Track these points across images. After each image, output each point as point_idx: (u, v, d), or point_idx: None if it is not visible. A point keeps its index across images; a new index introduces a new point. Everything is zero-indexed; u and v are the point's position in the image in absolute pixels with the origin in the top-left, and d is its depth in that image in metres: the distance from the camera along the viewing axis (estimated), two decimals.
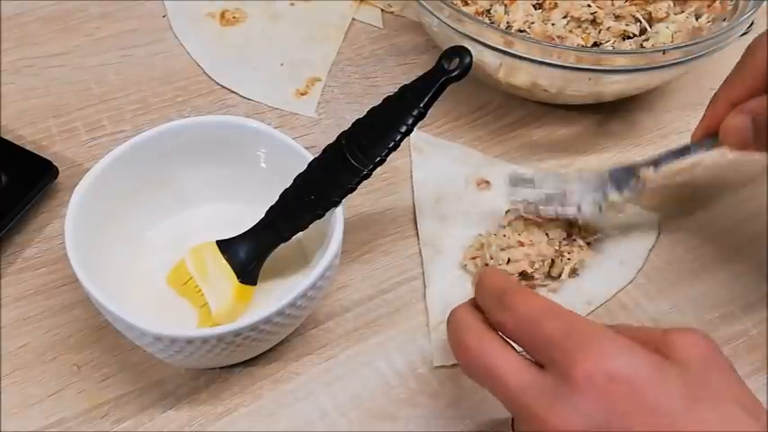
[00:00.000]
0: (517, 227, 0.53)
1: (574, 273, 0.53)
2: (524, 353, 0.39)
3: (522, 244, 0.52)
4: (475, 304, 0.43)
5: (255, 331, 0.44)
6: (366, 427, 0.47)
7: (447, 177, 0.58)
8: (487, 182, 0.58)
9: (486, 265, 0.52)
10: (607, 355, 0.36)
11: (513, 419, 0.42)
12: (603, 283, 0.54)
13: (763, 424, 0.36)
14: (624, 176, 0.52)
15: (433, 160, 0.59)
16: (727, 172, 0.59)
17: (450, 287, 0.53)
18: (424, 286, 0.53)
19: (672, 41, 0.59)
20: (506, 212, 0.55)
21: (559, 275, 0.53)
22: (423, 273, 0.54)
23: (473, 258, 0.53)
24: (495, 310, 0.40)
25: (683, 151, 0.52)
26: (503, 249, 0.52)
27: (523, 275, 0.52)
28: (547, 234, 0.52)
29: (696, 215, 0.57)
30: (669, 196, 0.57)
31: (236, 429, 0.47)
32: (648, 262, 0.55)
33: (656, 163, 0.52)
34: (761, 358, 0.51)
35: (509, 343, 0.40)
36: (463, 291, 0.53)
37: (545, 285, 0.53)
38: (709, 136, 0.50)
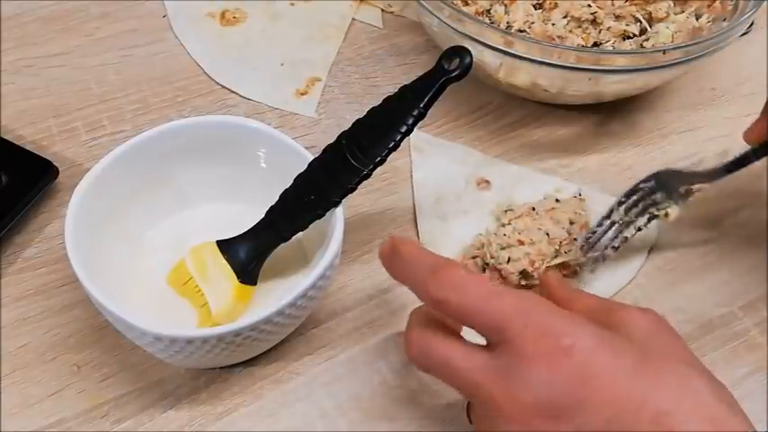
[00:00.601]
0: (517, 226, 0.53)
1: (574, 273, 0.53)
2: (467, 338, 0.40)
3: (522, 243, 0.52)
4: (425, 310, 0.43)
5: (255, 331, 0.44)
6: (366, 427, 0.47)
7: (447, 177, 0.58)
8: (487, 182, 0.58)
9: (487, 264, 0.52)
10: (559, 330, 0.37)
11: (468, 405, 0.43)
12: (603, 282, 0.54)
13: (708, 375, 0.37)
14: (673, 183, 0.52)
15: (433, 160, 0.59)
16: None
17: None
18: None
19: (672, 41, 0.59)
20: (506, 212, 0.55)
21: None
22: None
23: (473, 258, 0.53)
24: (433, 287, 0.39)
25: (743, 161, 0.52)
26: (503, 249, 0.52)
27: (523, 274, 0.52)
28: (547, 234, 0.52)
29: (695, 215, 0.57)
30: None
31: (236, 429, 0.47)
32: (648, 262, 0.55)
33: (712, 176, 0.52)
34: (761, 358, 0.51)
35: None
36: None
37: None
38: (756, 141, 0.51)
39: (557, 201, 0.55)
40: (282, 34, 0.67)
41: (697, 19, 0.61)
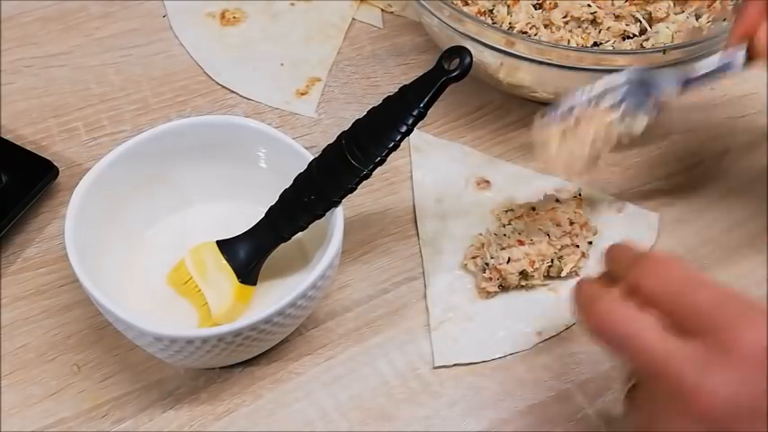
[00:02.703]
0: (517, 226, 0.53)
1: (574, 272, 0.53)
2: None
3: (522, 243, 0.52)
4: (600, 278, 0.41)
5: (255, 331, 0.44)
6: (366, 427, 0.47)
7: (447, 177, 0.58)
8: (487, 181, 0.58)
9: (487, 264, 0.52)
10: (765, 328, 0.35)
11: (629, 389, 0.41)
12: None
13: None
14: (641, 94, 0.49)
15: (432, 160, 0.59)
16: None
17: (451, 287, 0.53)
18: (425, 286, 0.53)
19: (672, 41, 0.59)
20: (506, 212, 0.55)
21: (559, 275, 0.53)
22: (423, 273, 0.54)
23: (473, 258, 0.53)
24: (634, 274, 0.39)
25: (718, 71, 0.49)
26: (503, 249, 0.52)
27: (523, 275, 0.52)
28: (547, 234, 0.52)
29: (695, 215, 0.57)
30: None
31: (236, 429, 0.47)
32: None
33: (685, 83, 0.49)
34: None
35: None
36: (464, 290, 0.53)
37: (545, 285, 0.53)
38: (743, 41, 0.48)
39: (557, 201, 0.55)
40: (282, 34, 0.67)
41: (697, 19, 0.61)
